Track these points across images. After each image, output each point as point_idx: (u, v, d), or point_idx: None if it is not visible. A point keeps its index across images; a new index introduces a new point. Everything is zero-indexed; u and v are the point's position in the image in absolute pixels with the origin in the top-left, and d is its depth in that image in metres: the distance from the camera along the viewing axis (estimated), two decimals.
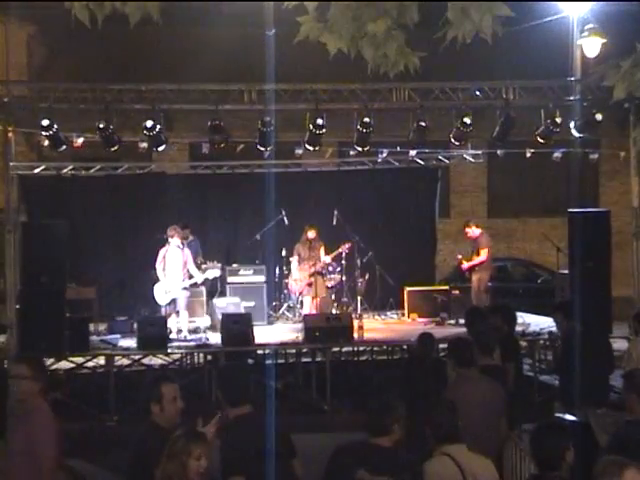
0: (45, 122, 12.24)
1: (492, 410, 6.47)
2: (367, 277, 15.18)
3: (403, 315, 15.15)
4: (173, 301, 13.06)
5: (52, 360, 12.66)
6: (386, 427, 4.96)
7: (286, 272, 14.99)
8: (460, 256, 15.05)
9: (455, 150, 16.29)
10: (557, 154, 15.25)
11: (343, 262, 14.69)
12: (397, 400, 5.16)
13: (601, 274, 11.69)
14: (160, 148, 13.42)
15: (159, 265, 13.06)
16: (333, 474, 4.97)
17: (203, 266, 14.41)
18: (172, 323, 12.96)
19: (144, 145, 13.82)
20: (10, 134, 12.55)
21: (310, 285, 14.44)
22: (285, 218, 14.95)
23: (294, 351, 13.25)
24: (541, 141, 13.52)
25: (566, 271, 12.57)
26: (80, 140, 14.23)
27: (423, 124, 12.83)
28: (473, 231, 14.60)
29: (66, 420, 11.04)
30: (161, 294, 13.06)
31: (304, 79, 12.89)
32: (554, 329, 12.71)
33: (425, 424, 5.16)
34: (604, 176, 21.63)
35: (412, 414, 7.72)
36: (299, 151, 14.92)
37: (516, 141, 14.16)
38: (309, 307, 14.39)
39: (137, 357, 12.76)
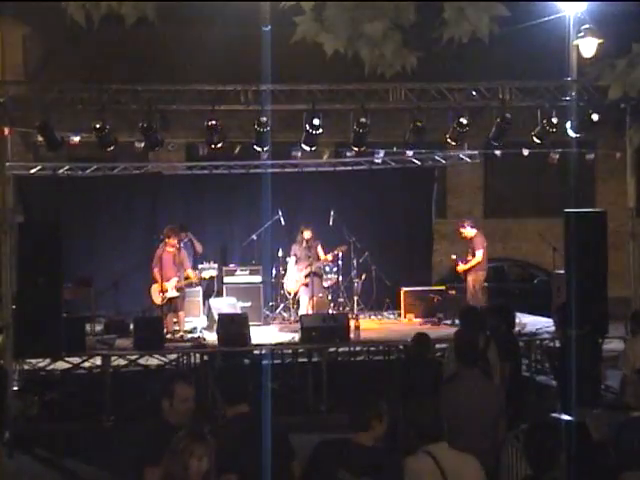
0: (41, 122, 12.22)
1: (490, 411, 6.48)
2: (363, 277, 15.18)
3: (399, 315, 15.17)
4: (169, 301, 13.07)
5: (48, 360, 12.69)
6: (367, 423, 4.96)
7: (282, 272, 14.99)
8: (454, 256, 15.07)
9: (452, 150, 16.30)
10: (553, 154, 15.26)
11: (340, 262, 14.69)
12: (379, 398, 5.17)
13: (597, 274, 11.70)
14: (156, 148, 13.41)
15: (155, 265, 13.06)
16: (314, 472, 4.96)
17: (200, 266, 14.43)
18: (169, 323, 12.96)
19: (140, 145, 13.81)
20: (6, 134, 12.51)
21: (306, 285, 14.45)
22: (282, 218, 14.95)
23: (290, 351, 13.26)
24: (537, 141, 13.52)
25: (562, 271, 12.59)
26: (76, 138, 14.20)
27: (420, 124, 12.83)
28: (468, 231, 14.61)
29: (62, 420, 11.16)
30: (157, 294, 13.06)
31: (301, 79, 12.88)
32: (551, 329, 12.79)
33: (409, 424, 5.19)
34: (600, 176, 21.66)
35: (408, 414, 7.74)
36: (296, 152, 14.92)
37: (512, 141, 14.17)
38: (305, 307, 14.39)
39: (133, 357, 12.76)
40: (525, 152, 15.28)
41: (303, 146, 13.56)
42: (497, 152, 15.27)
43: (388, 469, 4.89)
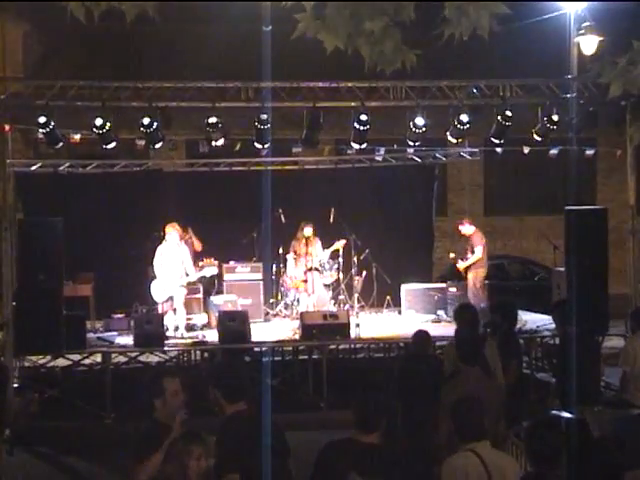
0: (42, 119, 12.22)
1: (491, 408, 6.47)
2: (364, 275, 15.17)
3: (400, 313, 15.16)
4: (170, 298, 13.06)
5: (49, 358, 12.69)
6: (378, 424, 4.96)
7: (283, 270, 14.99)
8: (453, 254, 15.05)
9: (452, 148, 16.29)
10: (553, 151, 15.26)
11: (340, 259, 14.69)
12: (379, 396, 5.18)
13: (598, 272, 11.70)
14: (157, 146, 13.42)
15: (156, 262, 13.06)
16: (323, 474, 4.94)
17: (200, 263, 14.43)
18: (169, 320, 12.96)
19: (141, 143, 13.81)
20: (7, 131, 12.51)
21: (306, 282, 14.45)
22: (282, 216, 14.94)
23: (291, 348, 13.26)
24: (538, 139, 13.51)
25: (563, 269, 12.59)
26: (77, 136, 14.22)
27: (420, 122, 12.82)
28: (467, 229, 14.60)
29: (63, 418, 11.16)
30: (158, 291, 13.06)
31: (301, 76, 12.87)
32: (551, 326, 12.77)
33: (451, 422, 5.19)
34: (601, 174, 21.66)
35: (410, 412, 7.76)
36: (296, 149, 14.91)
37: (513, 139, 14.15)
38: (306, 304, 14.39)
39: (134, 354, 12.76)
40: (526, 150, 15.26)
41: (303, 143, 13.56)
42: (498, 149, 15.26)
43: (397, 468, 4.88)
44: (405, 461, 5.05)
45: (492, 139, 13.56)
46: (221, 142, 13.29)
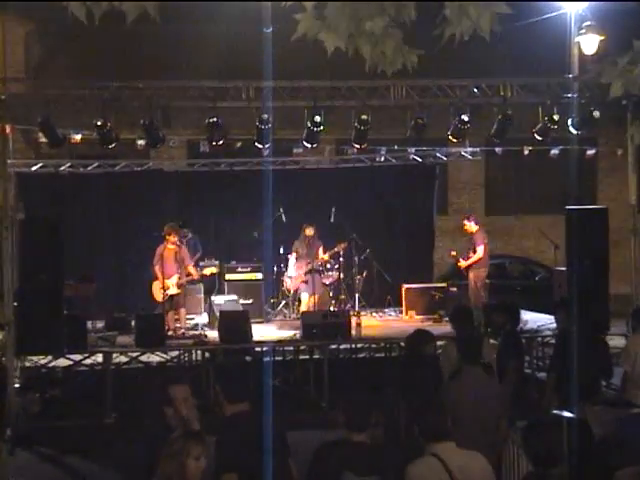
0: (42, 119, 12.23)
1: (492, 409, 6.47)
2: (365, 274, 15.18)
3: (401, 312, 15.17)
4: (171, 298, 13.07)
5: (50, 358, 12.70)
6: (369, 424, 4.96)
7: (284, 269, 15.00)
8: (454, 252, 15.04)
9: (453, 147, 16.29)
10: (554, 151, 15.24)
11: (341, 259, 14.69)
12: (378, 395, 5.19)
13: (599, 271, 11.69)
14: (158, 145, 13.41)
15: (157, 262, 13.06)
16: (318, 475, 4.94)
17: (201, 263, 14.44)
18: (170, 320, 12.96)
19: (142, 142, 13.81)
20: (8, 131, 12.51)
21: (307, 282, 14.45)
22: (283, 216, 14.94)
23: (292, 348, 13.25)
24: (539, 138, 13.51)
25: (564, 268, 12.58)
26: (78, 136, 14.22)
27: (421, 121, 12.83)
28: (471, 226, 14.57)
29: (64, 418, 11.16)
30: (159, 291, 13.06)
31: (302, 76, 12.87)
32: (552, 326, 12.77)
33: (414, 423, 5.17)
34: (602, 173, 21.65)
35: (409, 411, 7.75)
36: (297, 149, 14.92)
37: (514, 138, 14.16)
38: (307, 304, 14.39)
39: (135, 354, 12.77)
40: (526, 151, 15.27)
41: (304, 143, 13.55)
42: (498, 149, 15.24)
43: (391, 467, 4.89)
44: (397, 458, 5.05)
45: (493, 138, 13.56)
46: (222, 142, 13.29)
